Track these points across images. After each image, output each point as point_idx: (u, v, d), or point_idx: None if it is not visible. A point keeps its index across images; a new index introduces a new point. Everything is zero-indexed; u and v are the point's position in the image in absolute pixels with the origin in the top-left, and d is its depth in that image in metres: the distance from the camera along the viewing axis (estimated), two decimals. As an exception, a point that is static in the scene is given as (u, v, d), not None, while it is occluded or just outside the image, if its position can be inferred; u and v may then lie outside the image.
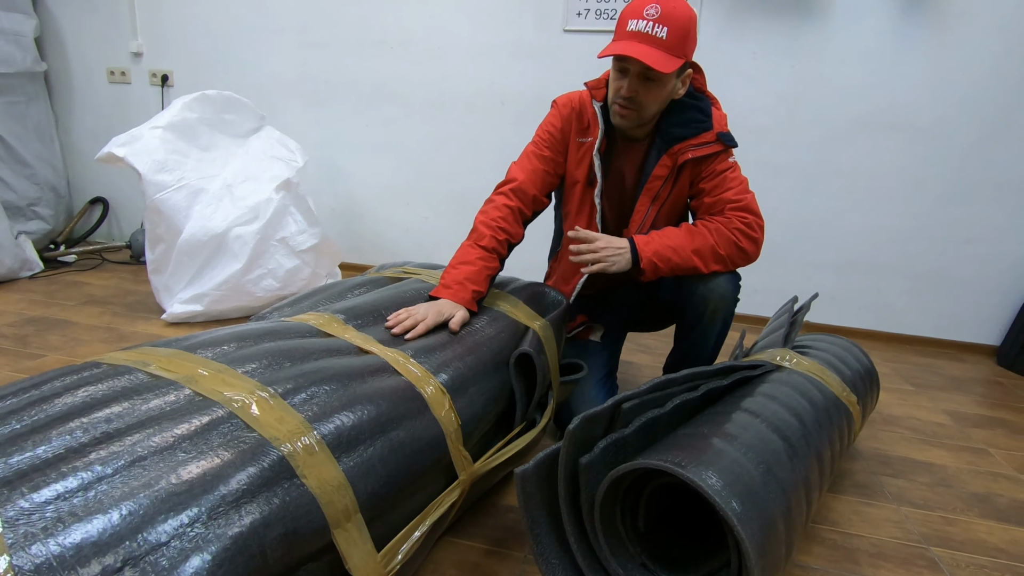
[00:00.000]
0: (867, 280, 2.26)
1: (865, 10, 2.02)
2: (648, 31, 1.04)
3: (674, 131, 1.18)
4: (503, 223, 1.17)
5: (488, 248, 1.13)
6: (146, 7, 2.62)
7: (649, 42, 1.04)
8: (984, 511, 1.19)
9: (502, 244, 1.16)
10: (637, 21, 1.05)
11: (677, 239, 1.15)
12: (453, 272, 1.09)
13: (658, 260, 1.14)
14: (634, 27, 1.05)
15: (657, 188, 1.21)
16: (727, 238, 1.15)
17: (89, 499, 0.50)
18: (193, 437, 0.59)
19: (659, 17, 1.04)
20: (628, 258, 1.14)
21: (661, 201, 1.23)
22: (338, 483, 0.65)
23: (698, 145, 1.18)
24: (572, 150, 1.26)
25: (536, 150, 1.26)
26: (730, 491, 0.72)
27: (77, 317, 1.91)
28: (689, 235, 1.15)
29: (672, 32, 1.04)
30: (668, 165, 1.19)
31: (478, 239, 1.15)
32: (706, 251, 1.14)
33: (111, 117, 2.79)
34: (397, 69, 2.44)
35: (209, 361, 0.72)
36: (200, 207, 1.88)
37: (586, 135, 1.24)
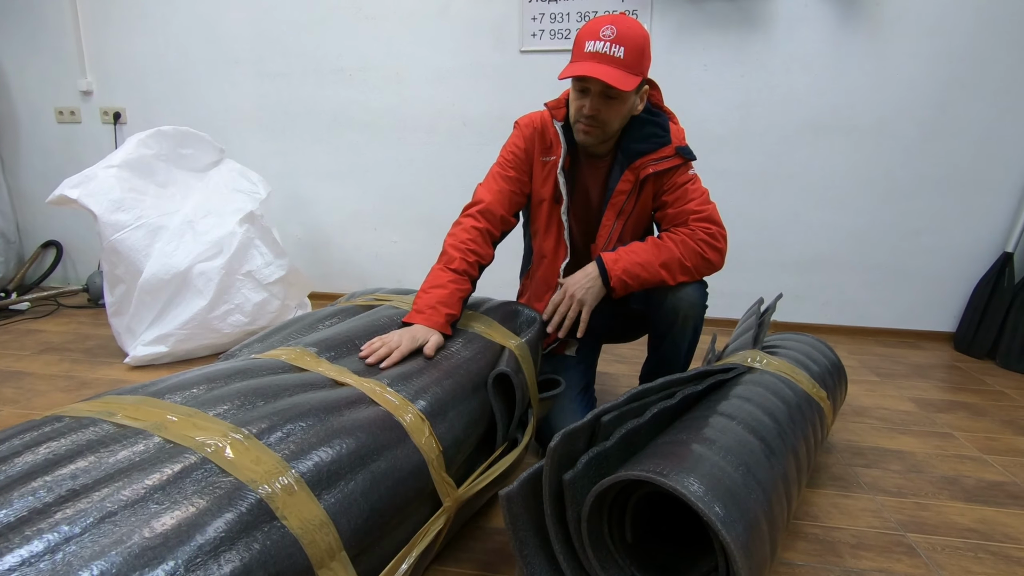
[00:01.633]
0: (828, 277, 2.33)
1: (805, 20, 2.12)
2: (606, 51, 1.07)
3: (634, 147, 1.21)
4: (472, 245, 1.17)
5: (459, 271, 1.14)
6: (94, 44, 2.57)
7: (608, 62, 1.07)
8: (954, 493, 1.23)
9: (472, 266, 1.17)
10: (595, 42, 1.08)
11: (644, 255, 1.17)
12: (425, 297, 1.09)
13: (627, 277, 1.16)
14: (592, 48, 1.08)
15: (621, 203, 1.24)
16: (692, 250, 1.18)
17: (57, 562, 0.48)
18: (165, 487, 0.58)
19: (615, 38, 1.07)
20: (599, 284, 1.17)
21: (626, 215, 1.26)
22: (320, 521, 0.63)
23: (658, 160, 1.22)
24: (537, 169, 1.28)
25: (501, 171, 1.27)
26: (712, 496, 0.73)
27: (33, 367, 1.83)
28: (656, 249, 1.18)
29: (628, 51, 1.08)
30: (631, 180, 1.23)
31: (448, 262, 1.15)
32: (673, 264, 1.17)
33: (61, 158, 2.71)
34: (357, 95, 2.44)
35: (178, 406, 0.70)
36: (161, 245, 1.84)
37: (549, 154, 1.26)
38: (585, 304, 1.16)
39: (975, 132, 2.10)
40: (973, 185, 2.14)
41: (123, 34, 2.54)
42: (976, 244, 2.19)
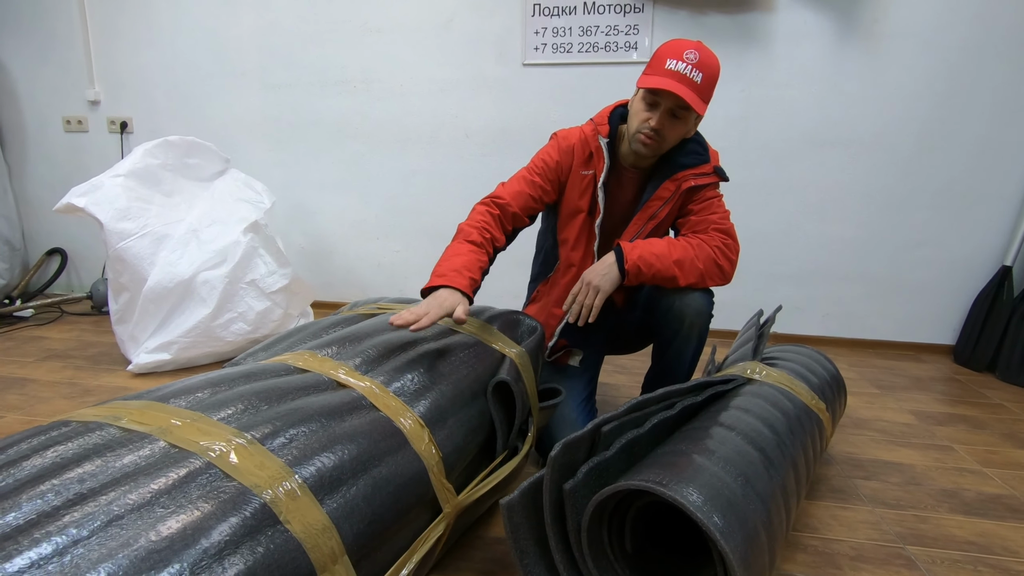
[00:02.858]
0: (828, 289, 2.34)
1: (804, 35, 2.15)
2: (687, 73, 1.10)
3: (680, 160, 1.26)
4: (487, 226, 1.20)
5: (477, 243, 1.16)
6: (102, 55, 2.61)
7: (686, 83, 1.10)
8: (953, 506, 1.23)
9: (488, 242, 1.19)
10: (677, 62, 1.11)
11: (661, 248, 1.20)
12: (446, 263, 1.10)
13: (642, 264, 1.17)
14: (673, 67, 1.11)
15: (656, 208, 1.27)
16: (707, 254, 1.21)
17: (65, 565, 0.48)
18: (171, 491, 0.58)
19: (697, 63, 1.10)
20: (615, 271, 1.18)
21: (657, 220, 1.28)
22: (322, 526, 0.64)
23: (699, 175, 1.26)
24: (574, 181, 1.30)
25: (528, 175, 1.30)
26: (711, 506, 0.73)
27: (36, 374, 1.84)
28: (672, 246, 1.20)
29: (705, 78, 1.12)
30: (671, 189, 1.26)
31: (466, 236, 1.18)
32: (686, 263, 1.19)
33: (68, 166, 2.74)
34: (360, 107, 2.47)
35: (183, 410, 0.71)
36: (165, 253, 1.85)
37: (588, 167, 1.29)
38: (601, 290, 1.17)
39: (973, 146, 2.12)
40: (971, 198, 2.16)
41: (131, 45, 2.57)
42: (975, 257, 2.20)
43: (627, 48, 2.24)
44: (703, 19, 2.19)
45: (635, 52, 2.24)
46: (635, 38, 2.23)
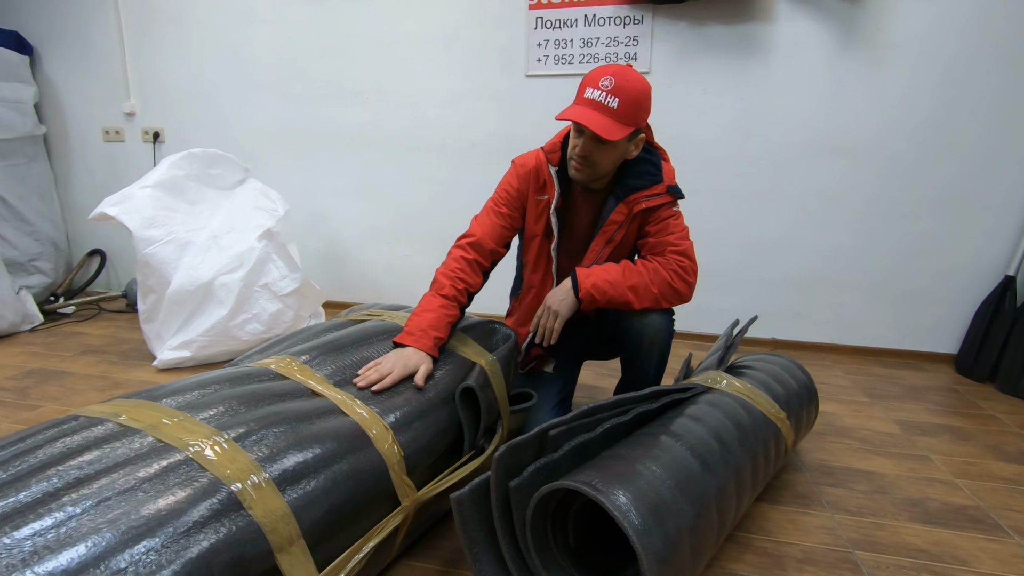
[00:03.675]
0: (828, 296, 2.35)
1: (804, 44, 2.16)
2: (601, 100, 1.15)
3: (631, 182, 1.30)
4: (461, 274, 1.27)
5: (448, 296, 1.23)
6: (138, 69, 2.80)
7: (601, 110, 1.15)
8: (914, 515, 1.27)
9: (461, 293, 1.26)
10: (593, 90, 1.16)
11: (615, 274, 1.25)
12: (416, 319, 1.18)
13: (595, 292, 1.24)
14: (590, 95, 1.17)
15: (612, 232, 1.32)
16: (662, 278, 1.25)
17: (61, 535, 0.60)
18: (153, 479, 0.70)
19: (612, 89, 1.15)
20: (572, 297, 1.25)
21: (615, 244, 1.33)
22: (282, 513, 0.74)
23: (650, 196, 1.30)
24: (531, 207, 1.37)
25: (495, 207, 1.37)
26: (635, 507, 0.81)
27: (74, 367, 2.02)
28: (627, 272, 1.26)
29: (623, 103, 1.15)
30: (624, 212, 1.30)
31: (439, 289, 1.25)
32: (640, 288, 1.24)
33: (106, 173, 2.95)
34: (373, 117, 2.59)
35: (172, 410, 0.82)
36: (188, 258, 2.01)
37: (543, 193, 1.35)
38: (559, 315, 1.24)
39: (975, 155, 2.10)
40: (974, 207, 2.14)
41: (163, 60, 2.76)
42: (978, 266, 2.18)
43: (627, 59, 2.30)
44: (703, 29, 2.22)
45: (635, 62, 2.29)
46: (635, 49, 2.28)
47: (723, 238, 2.38)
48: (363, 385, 1.03)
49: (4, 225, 2.67)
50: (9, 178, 2.69)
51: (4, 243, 2.65)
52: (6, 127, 2.65)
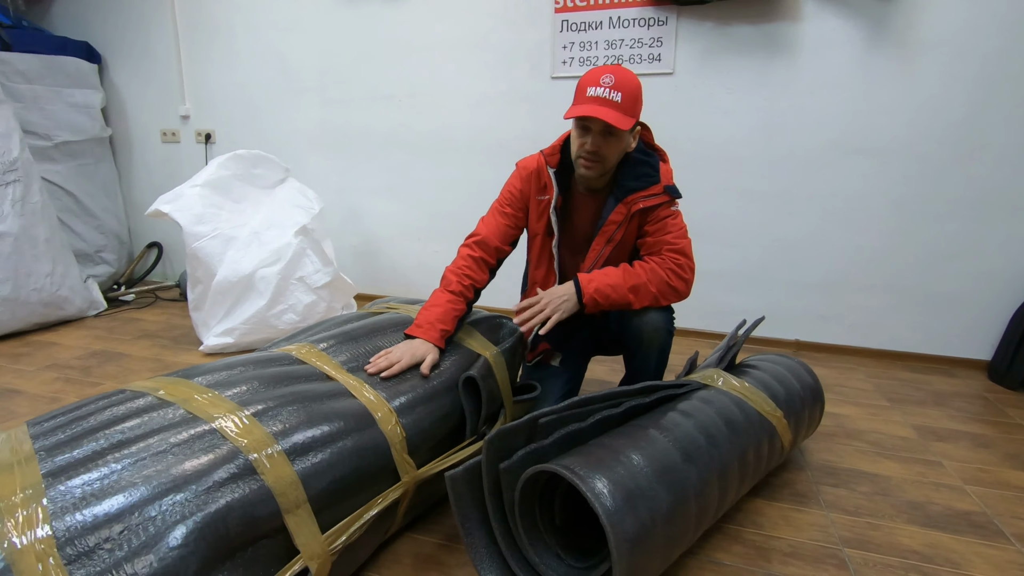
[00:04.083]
0: (855, 298, 2.32)
1: (832, 43, 2.14)
2: (606, 96, 1.23)
3: (629, 184, 1.36)
4: (468, 271, 1.37)
5: (455, 292, 1.33)
6: (192, 75, 3.01)
7: (608, 105, 1.23)
8: (913, 518, 1.28)
9: (468, 288, 1.35)
10: (595, 88, 1.24)
11: (615, 278, 1.31)
12: (425, 313, 1.28)
13: (598, 296, 1.30)
14: (593, 93, 1.24)
15: (612, 231, 1.38)
16: (660, 277, 1.31)
17: (104, 485, 0.72)
18: (182, 445, 0.81)
19: (613, 85, 1.23)
20: (574, 300, 1.31)
21: (615, 243, 1.40)
22: (291, 480, 0.85)
23: (648, 196, 1.36)
24: (532, 207, 1.45)
25: (500, 207, 1.46)
26: (609, 491, 0.88)
27: (131, 350, 2.23)
28: (626, 274, 1.32)
29: (625, 97, 1.23)
30: (623, 212, 1.37)
31: (447, 285, 1.35)
32: (640, 288, 1.30)
33: (164, 172, 3.19)
34: (405, 119, 2.71)
35: (203, 388, 0.94)
36: (232, 252, 2.18)
37: (544, 194, 1.43)
38: (556, 313, 1.30)
39: (1010, 155, 2.03)
40: (1010, 210, 2.07)
41: (215, 67, 2.95)
42: (1013, 270, 2.11)
43: (651, 60, 2.32)
44: (728, 29, 2.22)
45: (658, 63, 2.31)
46: (659, 50, 2.31)
47: (747, 238, 2.38)
48: (373, 371, 1.12)
49: (74, 219, 2.93)
50: (79, 176, 2.95)
51: (74, 235, 2.91)
52: (77, 130, 2.91)
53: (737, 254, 2.40)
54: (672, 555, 0.97)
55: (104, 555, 0.67)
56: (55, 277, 2.46)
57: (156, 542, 0.70)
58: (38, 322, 2.44)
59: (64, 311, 2.52)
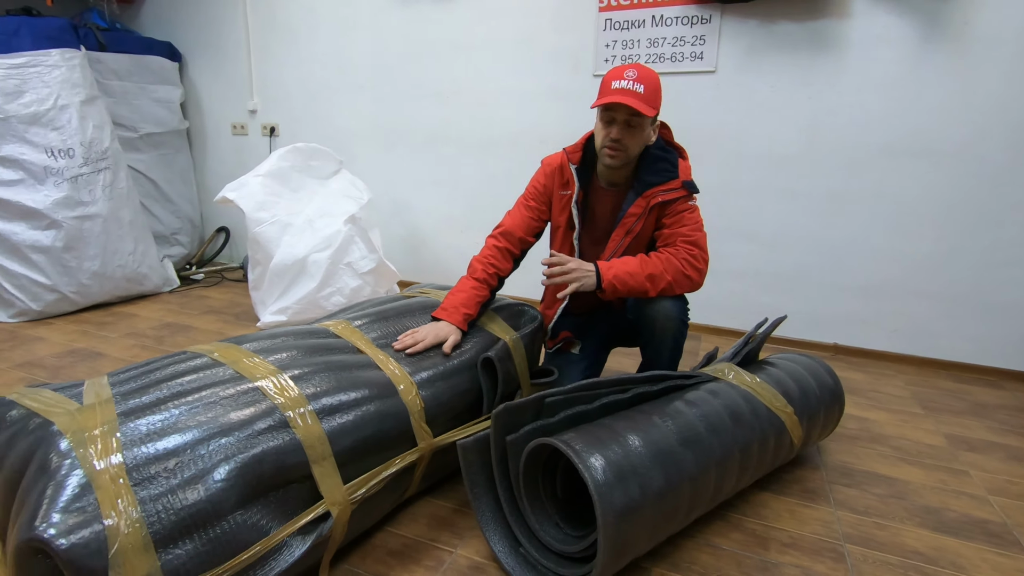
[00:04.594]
0: (898, 304, 2.25)
1: (882, 40, 2.08)
2: (630, 87, 1.32)
3: (648, 178, 1.43)
4: (492, 260, 1.47)
5: (480, 280, 1.43)
6: (260, 73, 3.24)
7: (632, 95, 1.32)
8: (924, 521, 1.27)
9: (492, 277, 1.45)
10: (620, 81, 1.33)
11: (633, 266, 1.38)
12: (451, 298, 1.39)
13: (616, 283, 1.37)
14: (618, 85, 1.33)
15: (631, 224, 1.45)
16: (675, 267, 1.36)
17: (164, 426, 0.86)
18: (229, 398, 0.95)
19: (637, 78, 1.32)
20: (593, 279, 1.38)
21: (633, 234, 1.46)
22: (319, 436, 0.97)
23: (667, 190, 1.42)
24: (556, 201, 1.54)
25: (525, 201, 1.56)
26: (601, 466, 0.95)
27: (198, 323, 2.46)
28: (644, 263, 1.38)
29: (647, 89, 1.32)
30: (642, 205, 1.43)
31: (473, 273, 1.45)
32: (656, 276, 1.36)
33: (233, 162, 3.45)
34: (451, 115, 2.82)
35: (251, 352, 1.08)
36: (288, 237, 2.36)
37: (566, 189, 1.51)
38: (576, 283, 1.35)
39: (1077, 159, 1.92)
40: (1072, 216, 1.96)
41: (280, 65, 3.17)
42: (1074, 281, 2.00)
43: (692, 58, 2.33)
44: (772, 27, 2.21)
45: (700, 61, 2.32)
46: (701, 48, 2.31)
47: (786, 239, 2.35)
48: (399, 347, 1.24)
49: (154, 204, 3.22)
50: (160, 165, 3.24)
51: (153, 218, 3.20)
52: (159, 123, 3.20)
53: (775, 254, 2.38)
54: (660, 532, 1.04)
55: (162, 481, 0.80)
56: (136, 255, 2.74)
57: (204, 475, 0.83)
58: (121, 295, 2.73)
59: (143, 286, 2.80)
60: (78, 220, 2.50)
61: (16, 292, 2.41)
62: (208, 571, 0.80)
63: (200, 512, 0.81)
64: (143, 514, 0.77)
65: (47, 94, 2.44)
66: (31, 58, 2.42)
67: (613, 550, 0.93)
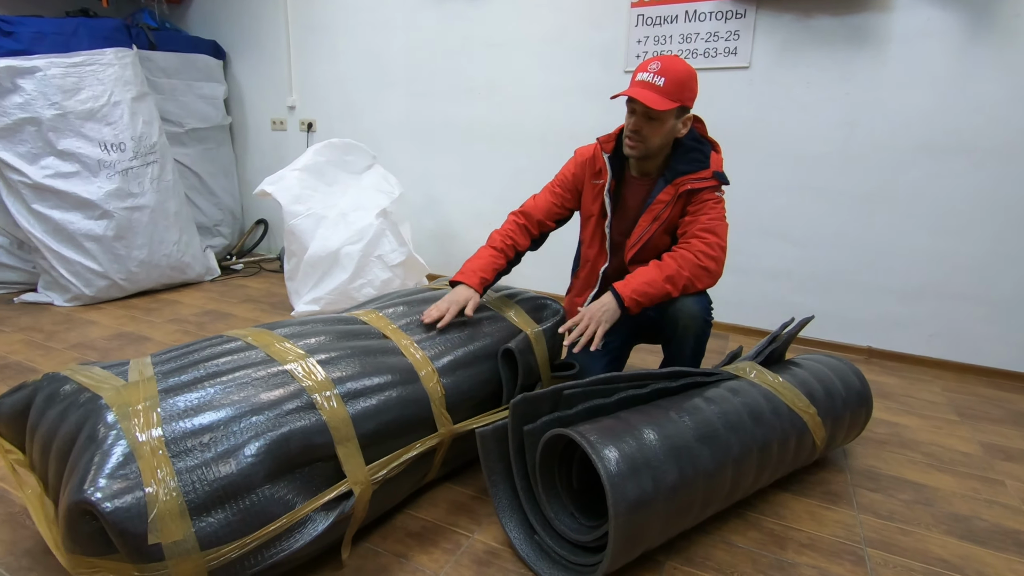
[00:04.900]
0: (937, 307, 2.18)
1: (925, 34, 2.01)
2: (650, 80, 1.33)
3: (679, 167, 1.44)
4: (511, 234, 1.55)
5: (498, 248, 1.51)
6: (299, 70, 3.34)
7: (650, 88, 1.33)
8: (952, 529, 1.24)
9: (509, 248, 1.53)
10: (642, 74, 1.35)
11: (650, 274, 1.36)
12: (469, 263, 1.47)
13: (637, 296, 1.35)
14: (640, 78, 1.35)
15: (659, 210, 1.46)
16: (690, 261, 1.36)
17: (201, 403, 0.92)
18: (261, 380, 1.00)
19: (659, 71, 1.33)
20: (615, 307, 1.34)
21: (660, 221, 1.47)
22: (344, 418, 1.02)
23: (697, 179, 1.43)
24: (587, 190, 1.56)
25: (552, 187, 1.60)
26: (614, 457, 0.96)
27: (237, 311, 2.56)
28: (658, 268, 1.37)
29: (669, 81, 1.32)
30: (671, 192, 1.45)
31: (491, 242, 1.54)
32: (674, 277, 1.36)
33: (273, 156, 3.56)
34: (483, 112, 2.86)
35: (282, 337, 1.13)
36: (322, 230, 2.44)
37: (599, 178, 1.53)
38: (601, 324, 1.33)
39: None
40: None
41: (318, 62, 3.26)
42: None
43: (726, 54, 2.30)
44: (809, 22, 2.16)
45: (734, 57, 2.29)
46: (735, 44, 2.28)
47: (819, 238, 2.30)
48: (428, 321, 1.30)
49: (198, 196, 3.36)
50: (204, 159, 3.38)
51: (197, 210, 3.34)
52: (204, 118, 3.33)
53: (807, 254, 2.33)
54: (673, 526, 1.04)
55: (197, 454, 0.86)
56: (181, 245, 2.87)
57: (236, 450, 0.89)
58: (166, 283, 2.86)
59: (186, 275, 2.94)
60: (128, 211, 2.63)
61: (71, 278, 2.56)
62: (237, 539, 0.85)
63: (231, 484, 0.86)
64: (179, 484, 0.83)
65: (101, 91, 2.58)
66: (88, 57, 2.56)
67: (624, 540, 0.95)
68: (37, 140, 2.44)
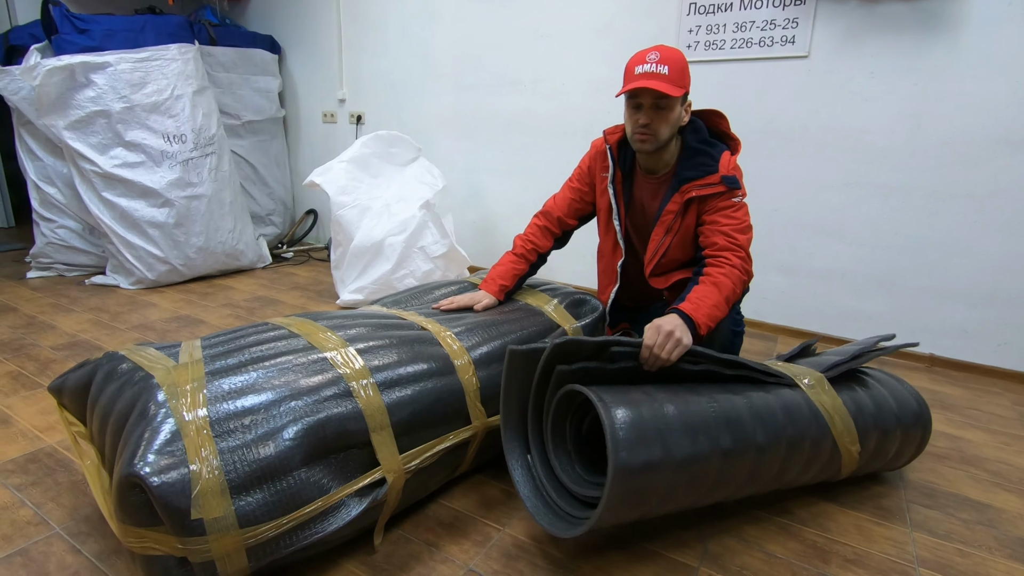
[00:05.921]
0: (1010, 314, 2.03)
1: (1007, 20, 1.86)
2: (653, 70, 1.29)
3: (685, 174, 1.41)
4: (533, 238, 1.57)
5: (519, 255, 1.54)
6: (349, 64, 3.41)
7: (656, 78, 1.29)
8: (1017, 554, 1.16)
9: (531, 252, 1.55)
10: (643, 65, 1.31)
11: (714, 297, 1.27)
12: (492, 271, 1.51)
13: (709, 321, 1.25)
14: (642, 70, 1.31)
15: (669, 221, 1.43)
16: (738, 278, 1.33)
17: (245, 387, 0.95)
18: (302, 366, 1.03)
19: (660, 60, 1.30)
20: (689, 335, 1.16)
21: (673, 232, 1.44)
22: (379, 407, 1.03)
23: (703, 185, 1.38)
24: (598, 183, 1.56)
25: (570, 183, 1.61)
26: (624, 422, 0.92)
27: (285, 298, 2.65)
28: (717, 290, 1.29)
29: (672, 69, 1.29)
30: (678, 202, 1.42)
31: (514, 248, 1.56)
32: (730, 297, 1.31)
33: (323, 148, 3.66)
34: (528, 104, 2.84)
35: (323, 326, 1.16)
36: (367, 221, 2.49)
37: (605, 171, 1.52)
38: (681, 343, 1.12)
39: None
40: None
41: (367, 56, 3.32)
42: None
43: (783, 43, 2.20)
44: (875, 8, 2.03)
45: (791, 46, 2.18)
46: (793, 32, 2.17)
47: (880, 237, 2.18)
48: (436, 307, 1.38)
49: (252, 186, 3.49)
50: (258, 150, 3.50)
51: (251, 200, 3.47)
52: (259, 111, 3.45)
53: (866, 254, 2.21)
54: (670, 502, 1.00)
55: (239, 435, 0.89)
56: (235, 233, 2.99)
57: (275, 433, 0.91)
58: (220, 269, 2.99)
59: (239, 262, 3.06)
60: (187, 200, 2.76)
61: (135, 262, 2.71)
62: (274, 519, 0.88)
63: (270, 466, 0.89)
64: (221, 463, 0.86)
65: (165, 85, 2.71)
66: (153, 52, 2.69)
67: (619, 495, 0.91)
68: (107, 132, 2.59)
